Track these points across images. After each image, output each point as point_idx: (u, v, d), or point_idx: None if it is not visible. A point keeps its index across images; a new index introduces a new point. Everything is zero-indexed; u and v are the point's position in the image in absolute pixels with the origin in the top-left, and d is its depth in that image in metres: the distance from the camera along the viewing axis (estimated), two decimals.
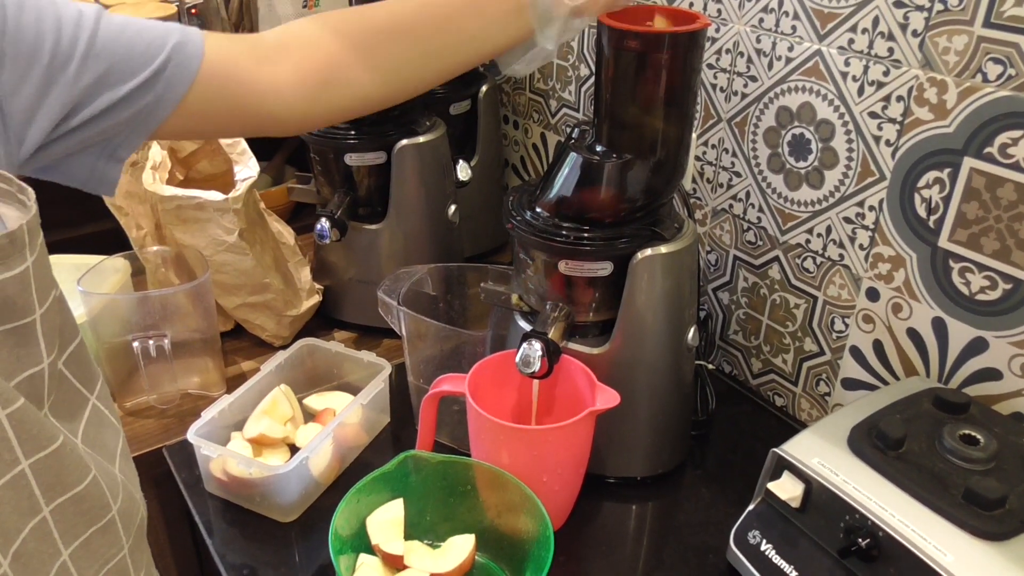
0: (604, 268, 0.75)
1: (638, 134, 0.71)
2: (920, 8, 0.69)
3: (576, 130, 0.76)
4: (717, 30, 0.87)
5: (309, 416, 0.89)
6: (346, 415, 0.83)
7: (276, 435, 0.82)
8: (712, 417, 0.91)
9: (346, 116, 0.64)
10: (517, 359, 0.73)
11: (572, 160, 0.74)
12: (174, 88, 0.55)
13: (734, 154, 0.90)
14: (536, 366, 0.73)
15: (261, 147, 1.25)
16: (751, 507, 0.69)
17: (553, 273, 0.76)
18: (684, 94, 0.70)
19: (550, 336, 0.74)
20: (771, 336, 0.92)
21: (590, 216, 0.74)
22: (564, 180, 0.74)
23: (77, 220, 0.81)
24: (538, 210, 0.76)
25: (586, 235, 0.74)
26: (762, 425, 0.93)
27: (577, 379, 0.77)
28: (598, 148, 0.73)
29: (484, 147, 1.16)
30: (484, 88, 1.13)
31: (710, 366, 0.93)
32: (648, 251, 0.74)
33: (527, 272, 0.79)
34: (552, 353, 0.74)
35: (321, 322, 1.06)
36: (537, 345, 0.73)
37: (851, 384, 0.85)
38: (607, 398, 0.72)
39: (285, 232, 1.01)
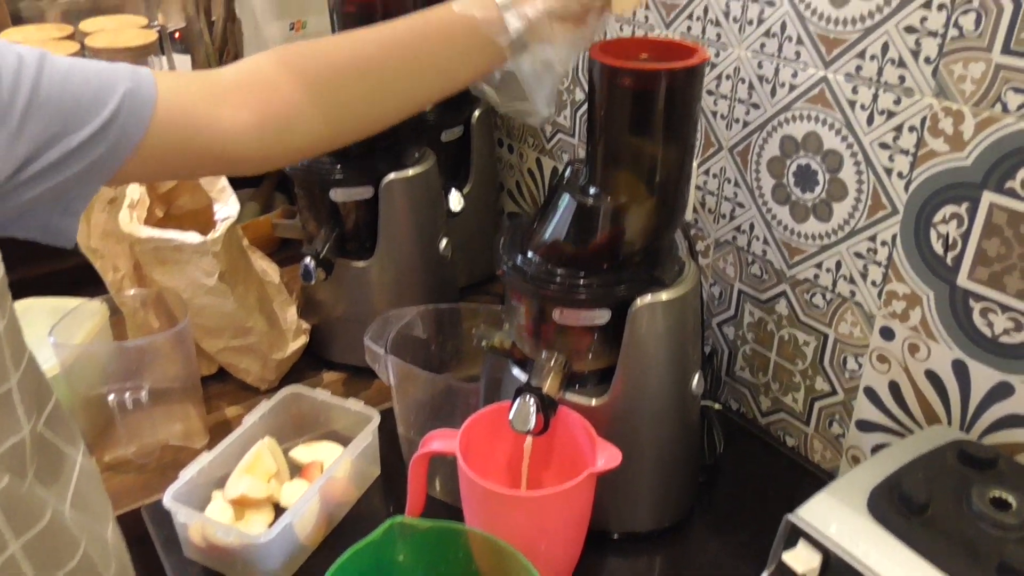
0: (601, 316, 0.71)
1: (634, 176, 0.67)
2: (933, 34, 0.64)
3: (569, 168, 0.72)
4: (717, 55, 0.83)
5: (295, 469, 0.85)
6: (334, 471, 0.79)
7: (259, 495, 0.78)
8: (720, 461, 0.87)
9: (305, 156, 0.61)
10: (511, 416, 0.69)
11: (565, 202, 0.69)
12: (127, 137, 0.51)
13: (737, 184, 0.85)
14: (531, 424, 0.68)
15: (251, 176, 1.21)
16: None
17: (547, 320, 0.72)
18: (683, 133, 0.66)
19: (545, 390, 0.70)
20: (780, 373, 0.88)
21: (585, 261, 0.69)
22: (556, 223, 0.70)
23: (55, 254, 0.77)
24: (530, 254, 0.71)
25: (581, 282, 0.69)
26: (773, 467, 0.88)
27: (576, 432, 0.73)
28: (592, 190, 0.69)
29: (478, 173, 1.12)
30: (477, 113, 1.09)
31: (716, 406, 0.89)
32: (647, 298, 0.69)
33: (520, 319, 0.75)
34: (548, 408, 0.70)
35: (310, 361, 1.02)
36: (531, 401, 0.69)
37: (866, 426, 0.80)
38: (608, 457, 0.68)
39: (270, 270, 0.97)
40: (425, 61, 0.59)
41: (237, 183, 1.25)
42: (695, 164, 0.89)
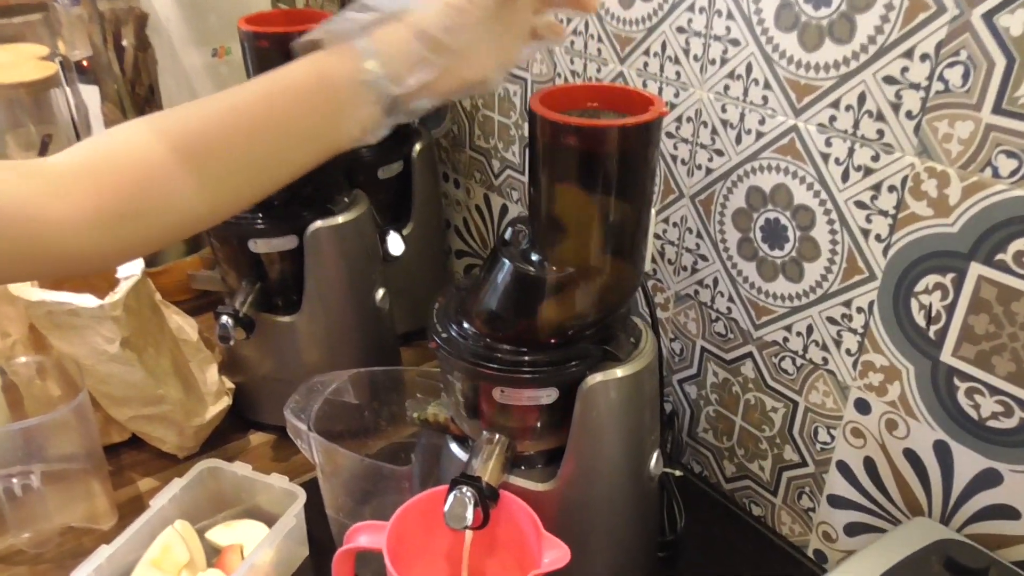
0: (548, 395, 0.63)
1: (582, 243, 0.59)
2: (915, 87, 0.57)
3: (509, 229, 0.64)
4: (676, 95, 0.75)
5: (213, 552, 0.76)
6: (254, 559, 0.70)
7: None
8: (681, 535, 0.79)
9: (168, 242, 0.52)
10: (445, 511, 0.61)
11: (505, 270, 0.61)
12: None
13: (699, 235, 0.78)
14: (468, 520, 0.60)
15: None
16: None
17: (487, 398, 0.64)
18: (638, 195, 0.58)
19: (487, 478, 0.62)
20: (745, 439, 0.81)
21: (528, 336, 0.62)
22: (496, 293, 0.62)
23: None
24: (466, 325, 0.63)
25: (525, 358, 0.61)
26: (738, 536, 0.81)
27: (521, 520, 0.65)
28: (534, 256, 0.61)
29: (420, 211, 1.03)
30: (418, 147, 1.00)
31: (677, 472, 0.81)
32: (599, 376, 0.61)
33: (456, 394, 0.66)
34: (489, 499, 0.62)
35: (235, 423, 0.93)
36: (468, 494, 0.61)
37: (839, 502, 0.73)
38: (556, 557, 0.60)
39: (187, 327, 0.87)
40: (302, 122, 0.51)
41: None
42: (653, 212, 0.82)
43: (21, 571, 0.76)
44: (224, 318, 0.80)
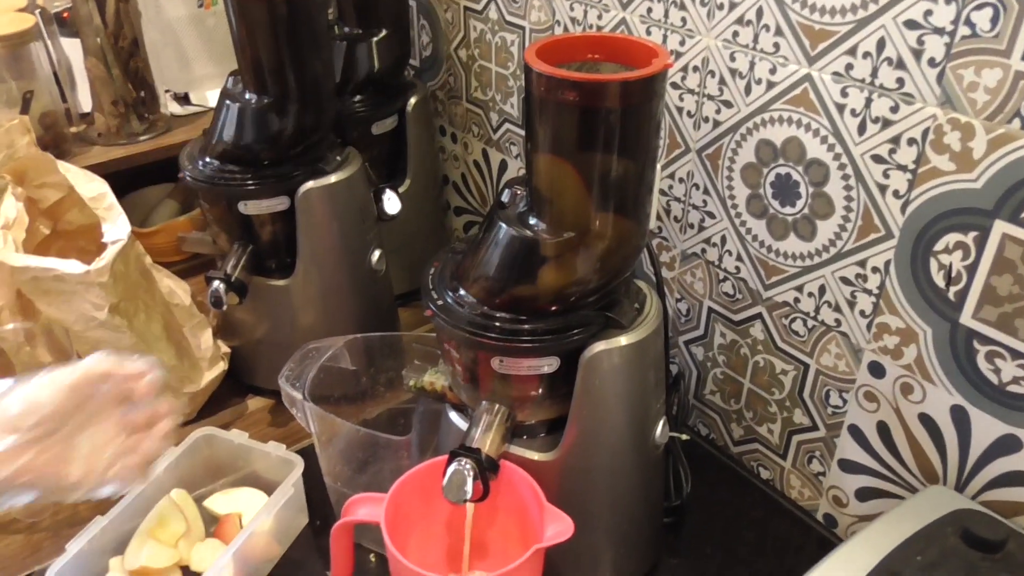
0: (549, 364, 0.60)
1: (582, 206, 0.56)
2: (939, 31, 0.53)
3: (507, 191, 0.61)
4: (682, 42, 0.71)
5: (211, 520, 0.75)
6: (253, 527, 0.69)
7: (163, 563, 0.68)
8: (687, 499, 0.78)
9: None
10: (444, 485, 0.59)
11: (502, 235, 0.58)
12: None
13: (706, 191, 0.75)
14: (467, 493, 0.59)
15: (167, 168, 1.07)
16: None
17: (486, 368, 0.62)
18: (642, 153, 0.55)
19: (486, 450, 0.60)
20: (754, 402, 0.78)
21: (526, 304, 0.59)
22: (492, 259, 0.59)
23: None
24: (462, 292, 0.61)
25: (524, 327, 0.59)
26: (746, 499, 0.80)
27: (522, 491, 0.63)
28: (532, 220, 0.57)
29: (416, 167, 1.00)
30: (413, 100, 0.96)
31: (684, 436, 0.79)
32: (601, 345, 0.59)
33: (454, 364, 0.64)
34: (489, 471, 0.60)
35: (232, 387, 0.91)
36: (467, 467, 0.59)
37: (850, 467, 0.71)
38: (559, 530, 0.58)
39: (179, 290, 0.85)
40: None
41: (152, 177, 1.13)
42: (658, 167, 0.78)
43: (17, 540, 0.75)
44: (215, 283, 0.78)
